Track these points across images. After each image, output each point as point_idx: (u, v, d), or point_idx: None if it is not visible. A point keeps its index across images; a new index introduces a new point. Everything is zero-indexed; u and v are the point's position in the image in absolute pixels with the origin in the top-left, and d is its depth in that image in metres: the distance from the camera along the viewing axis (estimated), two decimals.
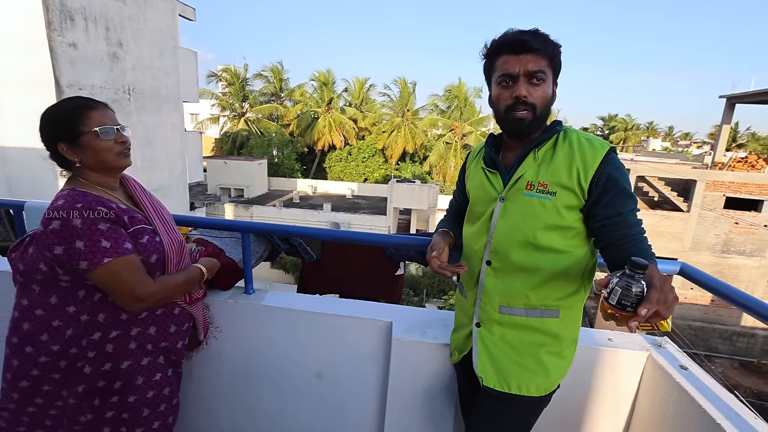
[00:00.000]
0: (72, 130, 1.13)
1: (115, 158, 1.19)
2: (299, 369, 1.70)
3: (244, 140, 28.96)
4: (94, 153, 1.15)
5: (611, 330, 1.66)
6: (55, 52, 7.30)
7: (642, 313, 0.72)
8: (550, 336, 1.12)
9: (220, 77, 29.87)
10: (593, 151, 1.03)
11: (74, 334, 1.18)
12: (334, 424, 1.74)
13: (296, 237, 1.78)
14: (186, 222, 1.65)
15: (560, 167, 1.04)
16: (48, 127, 1.15)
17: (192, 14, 11.00)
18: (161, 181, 10.32)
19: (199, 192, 22.26)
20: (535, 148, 1.08)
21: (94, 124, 1.15)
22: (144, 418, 1.26)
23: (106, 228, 1.10)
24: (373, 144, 28.99)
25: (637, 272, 0.73)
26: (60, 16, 7.36)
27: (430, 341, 1.47)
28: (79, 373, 1.19)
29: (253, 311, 1.65)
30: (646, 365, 1.48)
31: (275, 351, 1.69)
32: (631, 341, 1.56)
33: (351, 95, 32.12)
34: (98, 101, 1.22)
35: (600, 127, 46.56)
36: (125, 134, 1.23)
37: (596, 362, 1.49)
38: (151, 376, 1.28)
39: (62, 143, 1.14)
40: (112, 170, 1.23)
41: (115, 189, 1.25)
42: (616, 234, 1.02)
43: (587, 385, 1.51)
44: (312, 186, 25.32)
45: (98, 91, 8.25)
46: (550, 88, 1.06)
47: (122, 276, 1.10)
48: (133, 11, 8.94)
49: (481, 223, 1.15)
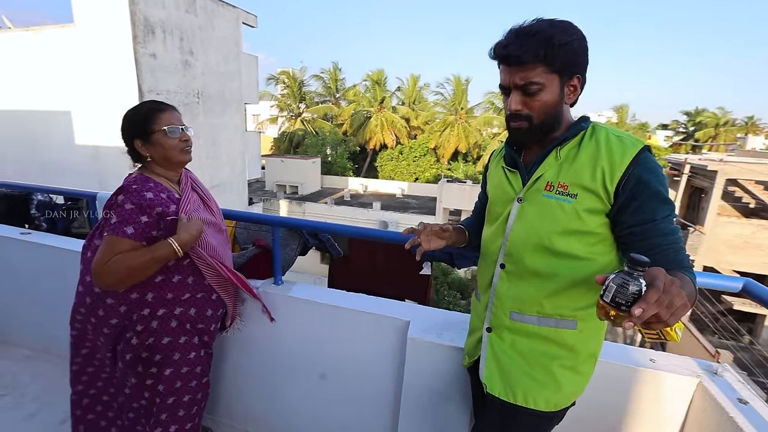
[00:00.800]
0: (146, 128, 1.33)
1: (177, 154, 1.37)
2: (321, 359, 1.77)
3: (300, 139, 30.19)
4: (162, 149, 1.34)
5: (655, 351, 1.48)
6: (139, 62, 8.18)
7: (636, 312, 0.64)
8: (565, 348, 1.04)
9: (278, 80, 31.34)
10: (622, 149, 0.92)
11: (127, 310, 1.35)
12: (352, 416, 1.78)
13: (324, 233, 1.96)
14: (226, 215, 1.82)
15: (583, 167, 0.95)
16: (128, 126, 1.35)
17: (254, 21, 11.72)
18: (223, 177, 11.13)
19: (258, 188, 23.55)
20: (558, 147, 1.00)
21: (163, 123, 1.34)
22: (176, 389, 1.41)
23: (129, 208, 1.25)
24: (424, 143, 28.94)
25: (636, 269, 0.67)
26: (144, 31, 8.23)
27: (446, 343, 1.45)
28: (127, 344, 1.37)
29: (280, 301, 1.76)
30: (696, 394, 1.30)
31: (299, 340, 1.79)
32: (679, 364, 1.37)
33: (404, 94, 32.30)
34: (168, 104, 1.41)
35: (683, 123, 40.05)
36: (188, 133, 1.42)
37: (634, 384, 1.35)
38: (187, 354, 1.43)
39: (138, 140, 1.34)
40: (175, 164, 1.40)
41: (174, 181, 1.43)
42: (645, 243, 0.91)
43: (622, 409, 1.38)
44: (363, 184, 25.82)
45: (172, 95, 9.10)
46: (553, 93, 0.96)
47: (102, 251, 1.22)
48: (203, 22, 9.74)
49: (498, 224, 1.10)
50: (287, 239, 2.04)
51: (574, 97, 1.00)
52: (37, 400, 2.19)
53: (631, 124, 36.76)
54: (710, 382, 1.29)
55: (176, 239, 1.27)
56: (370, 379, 1.71)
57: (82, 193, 2.52)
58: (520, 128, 1.00)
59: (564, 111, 1.01)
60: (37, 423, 2.04)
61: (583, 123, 1.01)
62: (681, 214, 14.87)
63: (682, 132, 40.03)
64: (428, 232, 1.16)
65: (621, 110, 34.19)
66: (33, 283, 2.42)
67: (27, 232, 2.47)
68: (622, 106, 34.76)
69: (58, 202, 2.74)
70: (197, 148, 10.00)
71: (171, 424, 1.44)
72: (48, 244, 2.32)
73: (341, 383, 1.77)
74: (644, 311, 0.65)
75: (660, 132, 44.16)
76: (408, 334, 1.52)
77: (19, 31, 9.15)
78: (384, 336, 1.63)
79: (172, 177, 1.43)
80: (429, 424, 1.56)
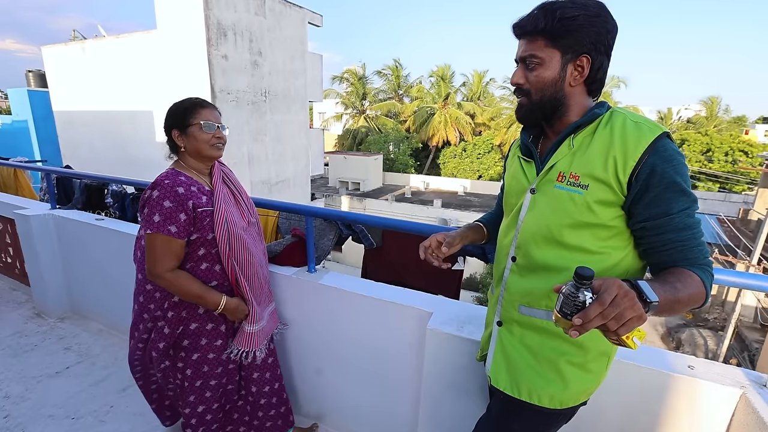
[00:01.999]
0: (184, 121, 1.40)
1: (208, 148, 1.43)
2: (349, 345, 1.83)
3: (363, 136, 30.75)
4: (195, 141, 1.41)
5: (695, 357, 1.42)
6: (212, 63, 8.81)
7: (575, 322, 0.68)
8: (573, 344, 1.00)
9: (343, 78, 32.14)
10: (638, 136, 0.86)
11: (161, 296, 1.44)
12: (377, 401, 1.84)
13: (357, 224, 1.94)
14: (260, 204, 1.89)
15: (596, 157, 0.90)
16: (169, 117, 1.43)
17: (319, 21, 12.08)
18: (287, 173, 11.66)
19: (321, 185, 24.42)
20: (572, 135, 0.95)
21: (201, 118, 1.40)
22: (203, 373, 1.49)
23: (168, 206, 1.31)
24: (489, 140, 28.05)
25: (581, 282, 0.70)
26: (217, 33, 8.83)
27: (465, 336, 1.45)
28: (159, 332, 1.45)
29: (312, 288, 1.83)
30: (739, 407, 1.21)
31: (328, 326, 1.86)
32: (721, 373, 1.27)
33: (469, 89, 31.53)
34: (210, 102, 1.47)
35: None
36: (223, 132, 1.47)
37: (669, 392, 1.27)
38: (213, 341, 1.49)
39: (175, 130, 1.42)
40: (205, 158, 1.46)
41: (205, 174, 1.49)
42: (658, 239, 0.87)
43: (655, 418, 1.30)
44: (424, 182, 25.69)
45: (242, 94, 9.69)
46: (552, 70, 0.93)
47: (154, 249, 1.32)
48: (271, 23, 10.23)
49: (512, 216, 1.07)
50: (324, 230, 2.05)
51: (581, 79, 0.94)
52: (104, 369, 2.44)
53: (724, 118, 32.52)
54: (756, 394, 1.19)
55: (227, 304, 1.43)
56: (395, 366, 1.75)
57: (148, 184, 2.72)
58: (521, 105, 1.00)
59: (571, 93, 0.96)
60: (102, 389, 2.27)
61: (599, 109, 0.95)
62: None
63: None
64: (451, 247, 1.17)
65: (711, 103, 30.49)
66: (105, 265, 2.69)
67: (101, 218, 2.74)
68: (711, 98, 30.98)
69: (129, 192, 3.00)
70: (264, 144, 10.70)
71: (198, 405, 1.50)
72: (117, 230, 2.55)
73: (367, 368, 1.83)
74: (584, 322, 0.68)
75: (760, 126, 38.72)
76: (428, 325, 1.52)
77: (111, 38, 10.32)
78: (408, 326, 1.65)
79: (203, 170, 1.49)
80: (447, 415, 1.56)
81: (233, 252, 1.44)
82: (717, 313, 15.47)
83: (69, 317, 3.00)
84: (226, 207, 1.44)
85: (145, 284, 1.48)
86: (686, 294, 0.80)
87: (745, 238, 14.93)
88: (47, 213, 2.88)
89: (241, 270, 1.47)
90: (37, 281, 2.98)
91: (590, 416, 1.28)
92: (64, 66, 11.48)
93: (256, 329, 1.52)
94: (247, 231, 1.53)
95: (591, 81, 0.95)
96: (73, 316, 3.02)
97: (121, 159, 10.76)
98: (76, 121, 11.69)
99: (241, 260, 1.47)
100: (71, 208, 3.01)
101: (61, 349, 2.63)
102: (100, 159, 11.27)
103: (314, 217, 1.82)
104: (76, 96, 11.46)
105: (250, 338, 1.52)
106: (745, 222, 15.56)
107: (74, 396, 2.21)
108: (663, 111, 36.13)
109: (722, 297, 15.62)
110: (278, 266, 1.95)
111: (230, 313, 1.45)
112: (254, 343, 1.53)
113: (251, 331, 1.51)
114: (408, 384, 1.72)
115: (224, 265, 1.44)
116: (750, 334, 13.60)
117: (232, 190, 1.55)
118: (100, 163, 11.15)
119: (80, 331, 2.83)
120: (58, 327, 2.88)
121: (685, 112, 39.55)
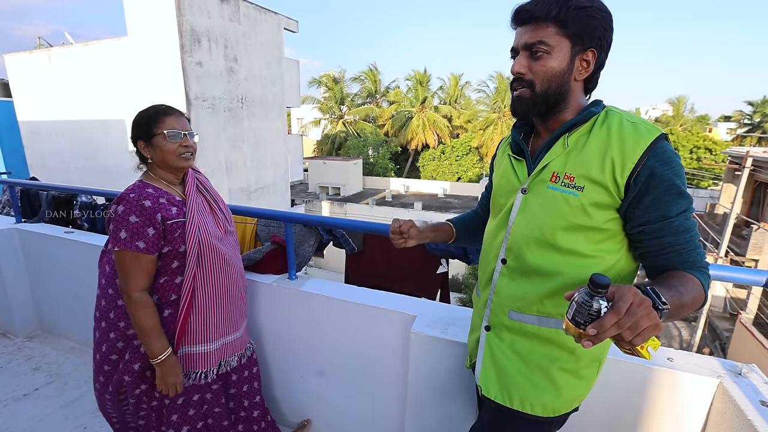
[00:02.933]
0: (149, 130, 1.34)
1: (175, 159, 1.36)
2: (332, 352, 1.80)
3: (341, 141, 30.66)
4: (161, 152, 1.34)
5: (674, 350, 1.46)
6: (186, 70, 8.62)
7: (589, 332, 0.65)
8: (565, 350, 0.97)
9: (321, 83, 32.03)
10: (636, 138, 0.83)
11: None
12: (363, 409, 1.82)
13: (337, 228, 1.91)
14: (238, 211, 1.88)
15: (592, 157, 0.87)
16: (134, 127, 1.37)
17: (295, 26, 12.01)
18: (266, 179, 11.50)
19: (301, 190, 24.19)
20: (567, 134, 0.92)
21: (166, 127, 1.33)
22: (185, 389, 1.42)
23: (134, 221, 1.26)
24: (467, 142, 28.41)
25: (596, 291, 0.66)
26: (190, 40, 8.66)
27: (449, 338, 1.43)
28: (135, 352, 1.39)
29: (294, 296, 1.80)
30: (716, 396, 1.24)
31: (311, 333, 1.82)
32: (698, 364, 1.31)
33: (445, 93, 31.90)
34: (175, 109, 1.40)
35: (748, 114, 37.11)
36: (191, 140, 1.39)
37: (650, 384, 1.30)
38: None
39: (141, 141, 1.36)
40: (173, 169, 1.39)
41: (176, 184, 1.43)
42: (656, 243, 0.85)
43: (639, 409, 1.32)
44: (404, 185, 25.76)
45: (218, 101, 9.52)
46: (561, 60, 0.88)
47: (124, 267, 1.28)
48: (246, 29, 10.11)
49: (501, 216, 1.03)
50: (304, 236, 2.01)
51: (585, 74, 0.91)
52: (77, 389, 2.33)
53: (689, 117, 33.97)
54: (732, 383, 1.23)
55: (166, 360, 1.32)
56: (379, 372, 1.73)
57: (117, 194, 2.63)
58: (522, 97, 0.93)
59: (573, 88, 0.92)
60: (74, 410, 2.17)
61: (595, 107, 0.91)
62: (744, 210, 13.73)
63: (747, 124, 36.36)
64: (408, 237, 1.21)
65: (678, 102, 31.74)
66: (76, 279, 2.58)
67: (70, 231, 2.63)
68: (679, 97, 32.26)
69: (99, 203, 2.89)
70: (242, 151, 10.54)
71: (182, 425, 1.44)
72: (87, 242, 2.45)
73: (352, 375, 1.80)
74: (599, 333, 0.64)
75: (722, 124, 40.52)
76: (411, 329, 1.50)
77: (79, 46, 9.99)
78: (392, 330, 1.65)
79: (173, 180, 1.42)
80: (434, 418, 1.54)
81: (207, 264, 1.38)
82: None
83: (38, 335, 2.86)
84: (200, 217, 1.39)
85: (117, 299, 1.41)
86: (690, 298, 0.78)
87: (713, 232, 15.54)
88: (11, 227, 2.75)
89: (216, 280, 1.41)
90: (1, 299, 2.83)
91: (577, 415, 1.27)
92: (29, 74, 11.05)
93: (211, 348, 1.45)
94: (223, 241, 1.48)
95: (590, 78, 0.93)
96: (43, 334, 2.88)
97: (93, 169, 10.40)
98: (43, 131, 11.26)
99: (218, 271, 1.41)
100: (37, 222, 2.88)
101: (29, 369, 2.50)
102: (70, 169, 10.87)
103: (294, 223, 1.79)
104: (42, 105, 11.04)
105: (206, 358, 1.44)
106: (713, 216, 16.16)
107: (44, 419, 2.10)
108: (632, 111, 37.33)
109: None
110: (258, 274, 1.90)
111: (162, 375, 1.33)
112: (211, 363, 1.45)
113: (207, 351, 1.43)
114: (394, 388, 1.70)
115: (184, 277, 1.36)
116: (720, 324, 14.11)
117: (208, 199, 1.50)
118: (70, 174, 10.75)
119: (50, 350, 2.70)
120: (26, 346, 2.74)
121: (653, 112, 41.02)
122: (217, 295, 1.43)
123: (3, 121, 12.37)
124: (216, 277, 1.42)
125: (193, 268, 1.36)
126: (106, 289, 1.45)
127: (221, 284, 1.44)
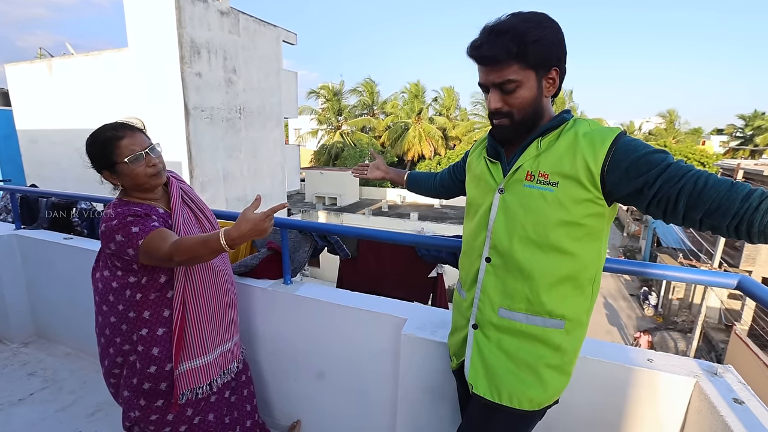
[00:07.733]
0: (109, 161, 1.28)
1: (147, 180, 1.31)
2: (325, 355, 1.83)
3: (338, 152, 30.85)
4: (129, 178, 1.30)
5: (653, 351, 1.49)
6: (185, 81, 8.73)
7: None
8: (551, 348, 1.02)
9: (319, 94, 32.36)
10: (602, 136, 0.92)
11: (128, 329, 1.36)
12: (355, 411, 1.84)
13: (332, 234, 1.97)
14: (226, 217, 1.91)
15: (563, 155, 0.94)
16: (90, 158, 1.32)
17: (294, 39, 12.20)
18: (264, 189, 11.55)
19: (298, 200, 24.20)
20: (540, 138, 0.99)
21: (124, 153, 1.27)
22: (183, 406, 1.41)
23: (133, 219, 1.26)
24: (462, 153, 28.64)
25: None
26: (190, 51, 8.79)
27: (439, 340, 1.46)
28: (131, 367, 1.38)
29: (288, 300, 1.83)
30: (693, 395, 1.29)
31: (305, 337, 1.86)
32: (677, 364, 1.35)
33: (440, 104, 32.29)
34: (127, 127, 1.32)
35: (740, 128, 37.34)
36: (153, 156, 1.32)
37: (631, 385, 1.34)
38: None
39: (105, 171, 1.32)
40: (146, 190, 1.35)
41: (157, 198, 1.39)
42: (674, 191, 0.83)
43: (620, 409, 1.36)
44: (401, 195, 25.84)
45: (216, 111, 9.62)
46: (531, 88, 0.95)
47: (155, 248, 1.21)
48: (245, 41, 10.26)
49: (480, 216, 1.08)
50: (299, 242, 2.07)
51: (553, 90, 0.99)
52: (72, 394, 2.34)
53: (682, 130, 34.36)
54: (708, 382, 1.28)
55: (225, 234, 1.15)
56: (371, 375, 1.76)
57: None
58: (503, 125, 1.01)
59: (545, 104, 1.01)
60: (69, 414, 2.18)
61: (566, 114, 1.01)
62: None
63: (739, 137, 37.02)
64: (372, 166, 1.65)
65: (669, 115, 32.21)
66: (74, 285, 2.60)
67: (69, 237, 2.67)
68: (669, 110, 32.73)
69: (99, 209, 2.93)
70: (239, 161, 10.62)
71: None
72: (86, 248, 2.48)
73: (344, 378, 1.84)
74: None
75: (715, 137, 41.22)
76: (402, 331, 1.54)
77: (80, 57, 10.10)
78: (383, 333, 1.67)
79: (151, 196, 1.39)
80: (424, 419, 1.58)
81: (195, 276, 1.38)
82: (685, 316, 16.08)
83: (33, 341, 2.88)
84: (186, 229, 1.38)
85: (110, 317, 1.39)
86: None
87: (707, 243, 15.69)
88: (11, 233, 2.78)
89: (206, 291, 1.42)
90: None
91: (561, 415, 1.33)
92: (29, 84, 11.14)
93: (210, 359, 1.45)
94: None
95: (557, 88, 1.00)
96: (38, 340, 2.90)
97: (91, 178, 10.35)
98: (42, 140, 11.30)
99: (207, 281, 1.42)
100: (37, 228, 2.92)
101: (25, 375, 2.51)
102: (68, 178, 10.87)
103: (289, 229, 1.84)
104: (42, 115, 11.11)
105: (206, 370, 1.43)
106: None
107: (38, 423, 2.11)
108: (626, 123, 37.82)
109: (689, 300, 16.26)
110: (254, 279, 1.95)
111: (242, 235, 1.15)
112: (212, 373, 1.46)
113: (206, 362, 1.43)
114: (385, 390, 1.73)
115: (174, 291, 1.35)
116: (716, 335, 14.16)
117: (193, 210, 1.49)
118: (68, 183, 10.74)
119: (45, 355, 2.71)
120: (21, 352, 2.75)
121: (646, 125, 41.54)
122: (208, 306, 1.43)
123: (1, 129, 12.43)
124: (206, 288, 1.42)
125: (182, 280, 1.35)
126: (101, 305, 1.43)
127: (212, 295, 1.43)
